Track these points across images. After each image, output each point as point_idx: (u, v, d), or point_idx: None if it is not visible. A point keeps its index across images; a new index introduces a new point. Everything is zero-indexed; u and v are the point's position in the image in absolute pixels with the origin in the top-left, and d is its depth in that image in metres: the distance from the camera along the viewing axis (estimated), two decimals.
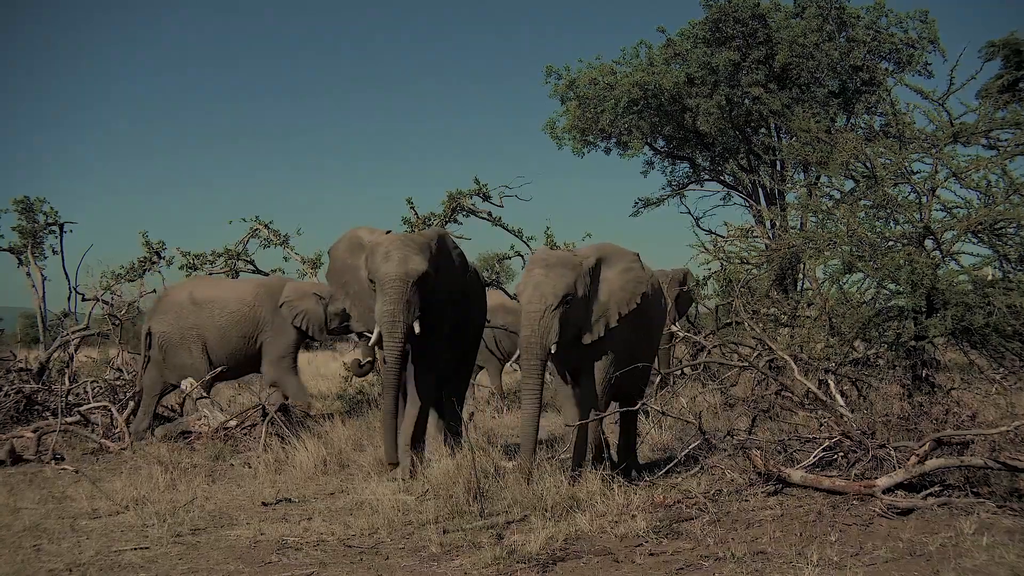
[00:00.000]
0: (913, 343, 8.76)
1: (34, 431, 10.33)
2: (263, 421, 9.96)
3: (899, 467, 6.57)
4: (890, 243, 8.90)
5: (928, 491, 6.43)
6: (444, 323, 8.89)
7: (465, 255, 9.49)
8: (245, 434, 10.11)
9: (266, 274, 14.60)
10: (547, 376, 8.09)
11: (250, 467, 8.92)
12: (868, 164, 9.31)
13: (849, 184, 9.73)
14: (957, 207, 8.94)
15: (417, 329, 8.31)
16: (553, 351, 7.57)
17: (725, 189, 20.65)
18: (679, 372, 13.19)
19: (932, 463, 6.48)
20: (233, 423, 10.25)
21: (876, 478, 6.58)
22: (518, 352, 8.31)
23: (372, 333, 8.53)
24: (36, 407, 11.83)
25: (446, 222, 14.89)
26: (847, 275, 9.18)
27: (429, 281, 8.46)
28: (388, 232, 8.81)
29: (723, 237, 12.92)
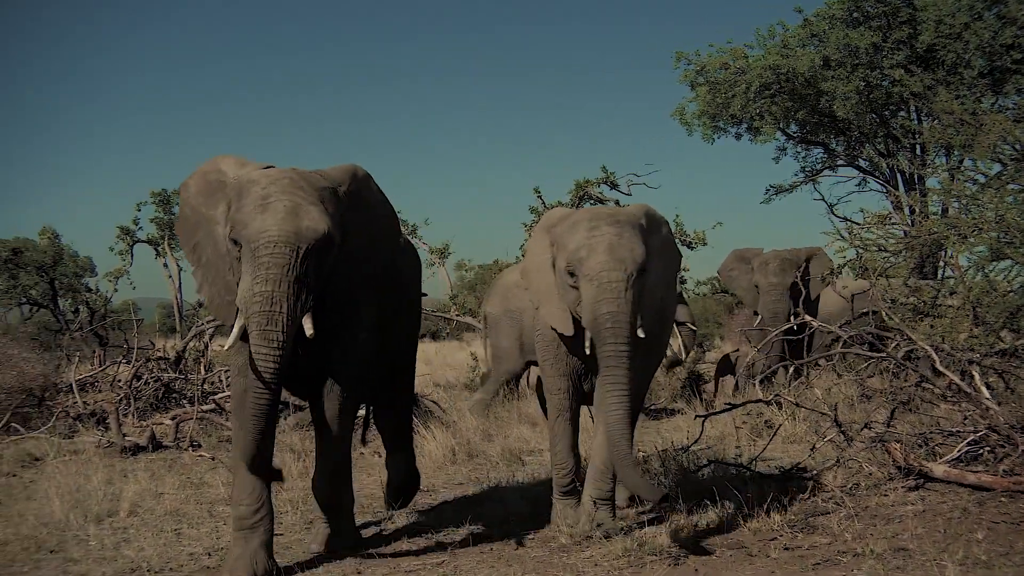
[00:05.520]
0: None
1: (172, 418, 10.67)
2: None
3: None
4: None
5: None
6: (363, 316, 5.96)
7: (395, 214, 6.34)
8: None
9: None
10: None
11: (380, 456, 8.99)
12: (1018, 146, 8.89)
13: (996, 167, 9.31)
14: None
15: (309, 330, 5.19)
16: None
17: (861, 175, 20.13)
18: (814, 363, 12.84)
19: None
20: (362, 412, 10.34)
21: None
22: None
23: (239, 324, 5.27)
24: (174, 395, 12.23)
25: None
26: (994, 262, 8.80)
27: (332, 250, 5.35)
28: (269, 168, 5.58)
29: (859, 224, 12.50)
